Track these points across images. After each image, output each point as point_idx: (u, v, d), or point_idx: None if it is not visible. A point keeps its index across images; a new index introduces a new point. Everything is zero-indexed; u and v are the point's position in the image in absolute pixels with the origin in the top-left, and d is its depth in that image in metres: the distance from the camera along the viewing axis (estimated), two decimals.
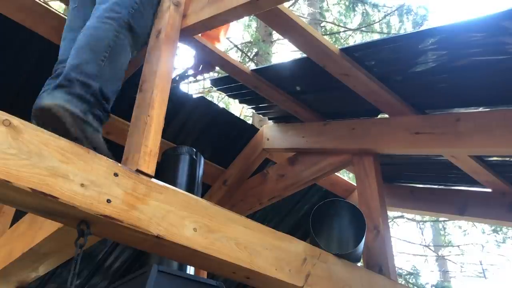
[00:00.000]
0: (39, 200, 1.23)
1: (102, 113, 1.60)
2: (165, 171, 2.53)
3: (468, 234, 10.93)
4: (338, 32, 9.56)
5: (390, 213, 8.40)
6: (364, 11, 9.28)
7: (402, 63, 2.28)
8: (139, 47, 1.90)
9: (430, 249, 11.42)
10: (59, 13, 2.34)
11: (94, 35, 1.69)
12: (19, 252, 1.63)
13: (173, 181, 2.42)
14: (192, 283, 2.05)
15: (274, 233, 1.74)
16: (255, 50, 8.21)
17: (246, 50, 8.68)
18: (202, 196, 2.74)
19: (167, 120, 1.70)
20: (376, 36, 9.13)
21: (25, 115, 1.46)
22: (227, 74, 2.68)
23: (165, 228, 1.39)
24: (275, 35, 8.00)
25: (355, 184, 2.79)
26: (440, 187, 3.25)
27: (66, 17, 2.18)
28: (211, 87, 8.30)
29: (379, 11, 9.31)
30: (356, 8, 9.30)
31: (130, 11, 1.82)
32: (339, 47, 2.26)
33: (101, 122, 1.61)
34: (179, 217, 1.44)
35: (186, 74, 2.54)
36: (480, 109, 2.32)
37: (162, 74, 1.72)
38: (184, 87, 8.84)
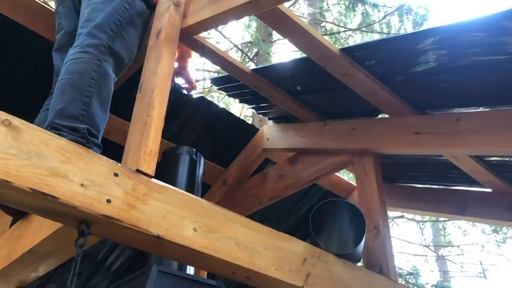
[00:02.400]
0: (39, 200, 1.23)
1: (96, 149, 1.60)
2: (165, 171, 2.52)
3: (468, 234, 10.93)
4: (338, 32, 9.55)
5: (390, 213, 8.40)
6: (364, 11, 9.27)
7: (402, 63, 2.28)
8: (123, 68, 1.91)
9: (430, 249, 11.41)
10: None
11: (76, 71, 1.69)
12: (19, 252, 1.63)
13: (173, 181, 2.42)
14: (192, 283, 2.05)
15: (274, 233, 1.74)
16: (255, 50, 8.21)
17: (246, 50, 8.68)
18: (202, 196, 2.74)
19: (167, 120, 1.70)
20: (376, 36, 9.13)
21: (25, 115, 1.46)
22: (228, 74, 2.68)
23: (165, 228, 1.39)
24: (275, 35, 7.99)
25: (355, 184, 2.79)
26: (440, 187, 3.25)
27: None
28: (211, 87, 8.30)
29: (379, 11, 9.30)
30: (356, 8, 9.29)
31: (109, 34, 1.83)
32: (339, 47, 2.26)
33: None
34: (179, 217, 1.44)
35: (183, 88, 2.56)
36: (480, 109, 2.32)
37: (162, 74, 1.72)
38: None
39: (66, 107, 1.60)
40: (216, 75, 8.18)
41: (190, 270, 2.23)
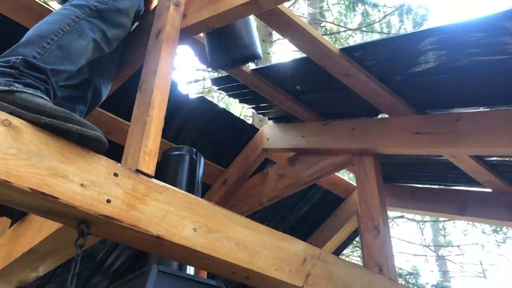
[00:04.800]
0: (39, 200, 1.22)
1: (38, 83, 1.40)
2: (165, 171, 2.53)
3: (468, 234, 10.94)
4: (338, 32, 9.56)
5: (390, 213, 8.40)
6: (364, 11, 9.28)
7: (402, 63, 2.28)
8: (117, 36, 1.77)
9: (430, 249, 11.41)
10: None
11: (47, 20, 1.57)
12: (19, 252, 1.63)
13: (173, 181, 2.42)
14: (192, 283, 2.05)
15: (274, 233, 1.74)
16: None
17: None
18: (202, 196, 2.74)
19: (167, 120, 1.70)
20: (376, 36, 9.13)
21: None
22: (228, 74, 2.68)
23: (165, 228, 1.39)
24: (275, 35, 7.99)
25: (355, 184, 2.79)
26: (440, 187, 3.25)
27: None
28: (211, 87, 8.30)
29: (379, 11, 9.31)
30: (356, 8, 9.30)
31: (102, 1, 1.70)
32: (339, 47, 2.26)
33: (41, 90, 1.39)
34: (179, 217, 1.44)
35: None
36: (480, 109, 2.33)
37: (162, 74, 1.72)
38: (184, 87, 8.84)
39: (18, 46, 1.44)
40: (216, 75, 8.18)
41: (190, 270, 2.23)
